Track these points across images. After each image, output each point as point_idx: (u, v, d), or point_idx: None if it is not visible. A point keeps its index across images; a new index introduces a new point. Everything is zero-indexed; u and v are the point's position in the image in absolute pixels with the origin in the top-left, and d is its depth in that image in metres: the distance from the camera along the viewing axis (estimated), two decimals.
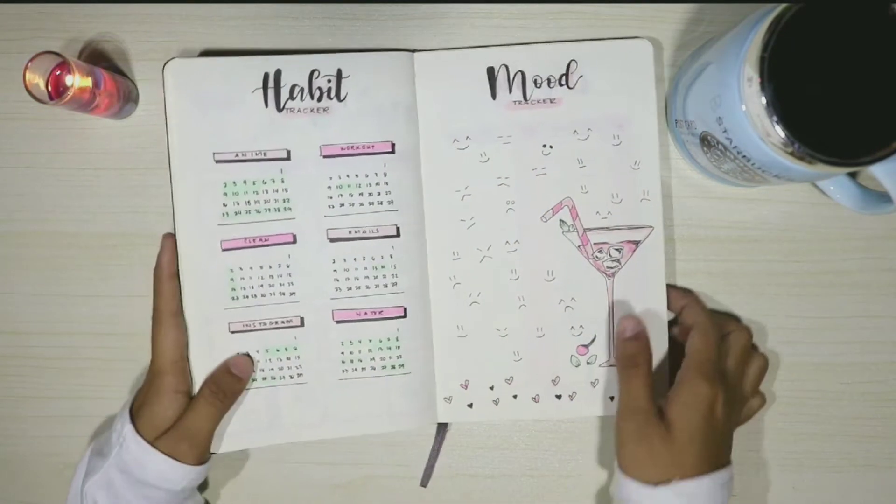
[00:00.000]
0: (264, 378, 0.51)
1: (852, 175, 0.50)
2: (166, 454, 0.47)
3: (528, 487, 0.54)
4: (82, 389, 0.49)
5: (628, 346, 0.49)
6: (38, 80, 0.47)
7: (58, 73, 0.48)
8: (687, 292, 0.52)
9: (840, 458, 0.54)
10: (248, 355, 0.50)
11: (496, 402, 0.52)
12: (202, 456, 0.49)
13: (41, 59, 0.46)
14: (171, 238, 0.50)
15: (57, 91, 0.48)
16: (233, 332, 0.50)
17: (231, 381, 0.49)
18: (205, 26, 0.52)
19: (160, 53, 0.52)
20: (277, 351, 0.51)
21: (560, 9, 0.52)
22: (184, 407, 0.48)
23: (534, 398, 0.52)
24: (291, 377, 0.51)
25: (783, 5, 0.38)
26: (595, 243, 0.51)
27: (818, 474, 0.54)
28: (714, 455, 0.45)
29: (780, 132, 0.38)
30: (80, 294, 0.54)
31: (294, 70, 0.50)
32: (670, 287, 0.52)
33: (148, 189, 0.52)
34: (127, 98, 0.51)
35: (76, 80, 0.46)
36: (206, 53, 0.52)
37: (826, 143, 0.38)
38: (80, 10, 0.52)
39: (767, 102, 0.38)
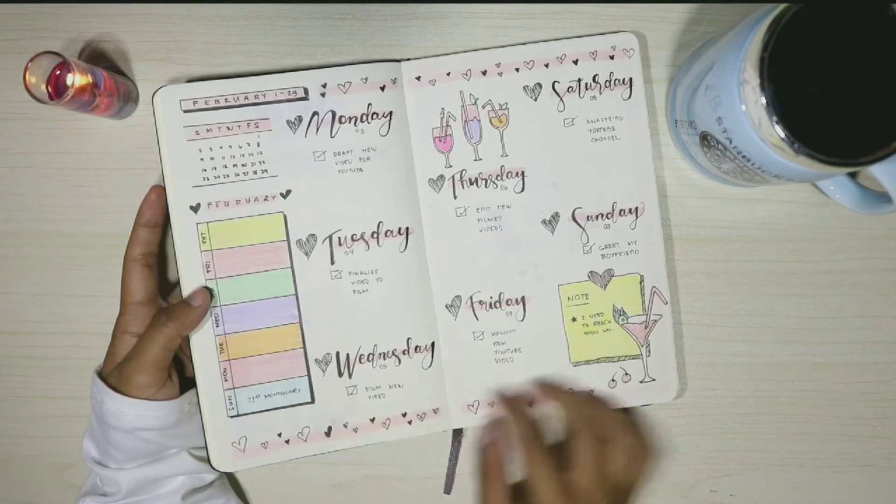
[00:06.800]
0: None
1: (852, 175, 0.50)
2: (114, 387, 0.46)
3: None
4: (82, 389, 0.49)
5: (482, 455, 0.50)
6: (38, 80, 0.47)
7: (58, 73, 0.48)
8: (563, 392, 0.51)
9: (840, 458, 0.54)
10: (206, 288, 0.49)
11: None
12: (150, 384, 0.46)
13: (41, 59, 0.46)
14: (154, 189, 0.49)
15: (57, 91, 0.48)
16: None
17: (185, 308, 0.47)
18: (205, 26, 0.52)
19: (160, 53, 0.52)
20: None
21: (560, 9, 0.52)
22: None
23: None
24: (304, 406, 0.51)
25: (783, 5, 0.38)
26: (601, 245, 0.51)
27: (818, 474, 0.54)
28: None
29: (780, 132, 0.38)
30: (80, 294, 0.54)
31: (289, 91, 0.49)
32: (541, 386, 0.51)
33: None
34: (127, 98, 0.51)
35: (76, 80, 0.46)
36: (194, 79, 0.52)
37: (826, 143, 0.38)
38: (80, 10, 0.52)
39: (767, 102, 0.38)
